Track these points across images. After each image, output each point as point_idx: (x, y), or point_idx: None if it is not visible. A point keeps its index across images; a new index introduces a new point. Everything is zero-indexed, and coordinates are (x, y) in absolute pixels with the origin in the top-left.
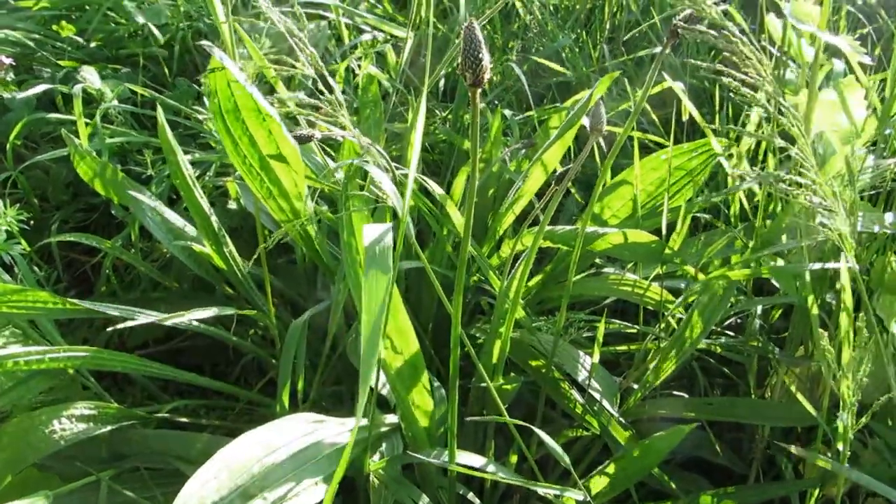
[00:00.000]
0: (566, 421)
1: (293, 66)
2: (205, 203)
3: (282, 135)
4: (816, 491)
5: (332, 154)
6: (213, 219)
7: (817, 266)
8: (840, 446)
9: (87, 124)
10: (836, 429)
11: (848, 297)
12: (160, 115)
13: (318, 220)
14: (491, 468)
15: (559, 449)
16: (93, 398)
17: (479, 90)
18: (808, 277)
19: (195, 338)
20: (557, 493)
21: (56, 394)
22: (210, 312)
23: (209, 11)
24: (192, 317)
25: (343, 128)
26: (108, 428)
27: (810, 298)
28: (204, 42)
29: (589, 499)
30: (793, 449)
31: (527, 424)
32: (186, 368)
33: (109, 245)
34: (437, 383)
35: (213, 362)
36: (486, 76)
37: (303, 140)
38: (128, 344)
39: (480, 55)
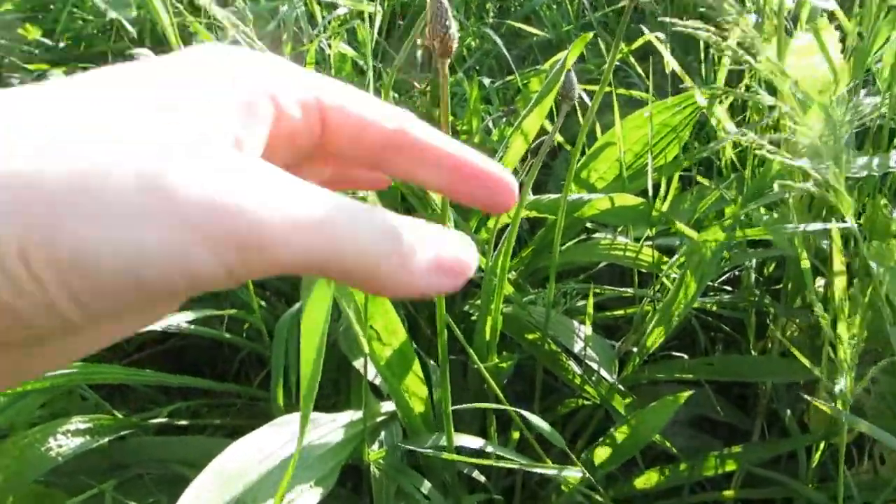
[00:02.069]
0: (567, 390)
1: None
2: None
3: None
4: (823, 444)
5: None
6: None
7: (812, 227)
8: (840, 405)
9: None
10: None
11: (839, 259)
12: None
13: None
14: (490, 449)
15: (552, 429)
16: (91, 410)
17: (447, 61)
18: (798, 229)
19: (192, 337)
20: (556, 472)
21: (54, 406)
22: (190, 315)
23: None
24: (172, 322)
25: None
26: (107, 439)
27: (802, 254)
28: (140, 50)
29: (589, 475)
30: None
31: (521, 411)
32: (186, 367)
33: None
34: (433, 364)
35: (213, 359)
36: (454, 45)
37: None
38: (126, 348)
39: (448, 23)
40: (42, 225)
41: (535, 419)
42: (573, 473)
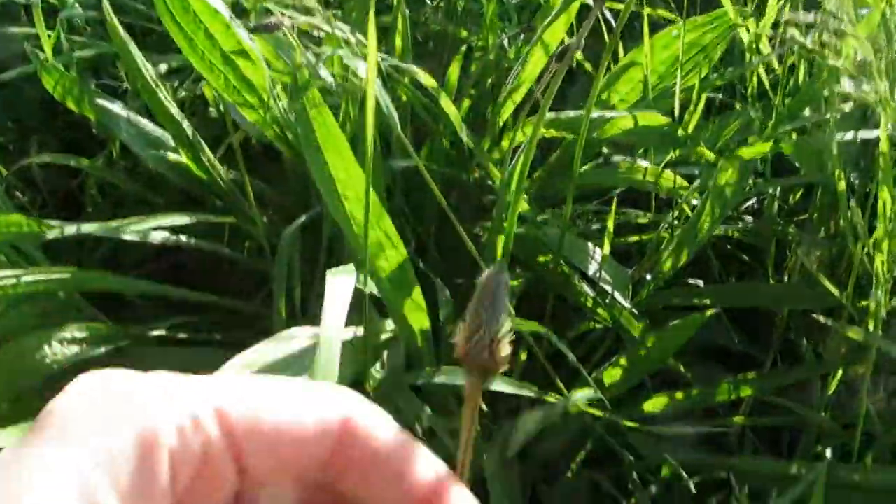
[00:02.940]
0: (576, 316)
1: None
2: (172, 107)
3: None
4: (840, 373)
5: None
6: (185, 124)
7: (849, 135)
8: (871, 325)
9: (49, 36)
10: (862, 308)
11: (886, 166)
12: (107, 9)
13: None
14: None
15: (562, 343)
16: (86, 321)
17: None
18: (835, 150)
19: (191, 254)
20: (567, 388)
21: (49, 320)
22: (185, 220)
23: None
24: (166, 222)
25: (309, 12)
26: (103, 349)
27: (837, 172)
28: None
29: (601, 396)
30: (823, 320)
31: (536, 329)
32: (185, 286)
33: (89, 163)
34: (439, 283)
35: (213, 278)
36: (503, 358)
37: (266, 29)
38: (123, 265)
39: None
40: None
41: (545, 333)
42: (584, 395)
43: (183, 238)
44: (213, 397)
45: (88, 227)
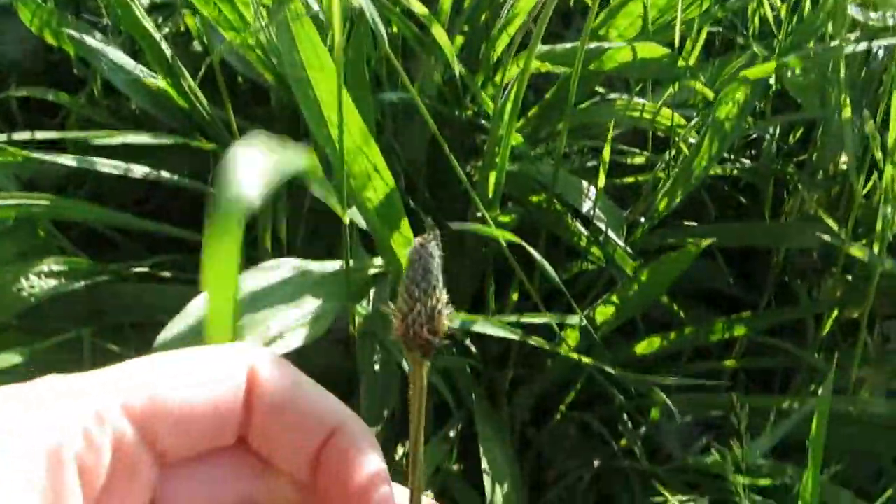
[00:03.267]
0: (568, 259)
1: None
2: (148, 23)
3: None
4: (835, 312)
5: None
6: (164, 45)
7: (861, 46)
8: (876, 248)
9: None
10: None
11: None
12: None
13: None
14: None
15: (556, 276)
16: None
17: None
18: (842, 71)
19: (176, 196)
20: (557, 321)
21: (29, 258)
22: (164, 140)
23: None
24: (138, 139)
25: None
26: (82, 283)
27: (843, 97)
28: None
29: (588, 325)
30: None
31: (531, 250)
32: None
33: (70, 99)
34: (430, 221)
35: (197, 220)
36: (441, 333)
37: None
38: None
39: (435, 301)
40: None
41: (541, 261)
42: (573, 321)
43: (165, 174)
44: (116, 389)
45: (66, 159)
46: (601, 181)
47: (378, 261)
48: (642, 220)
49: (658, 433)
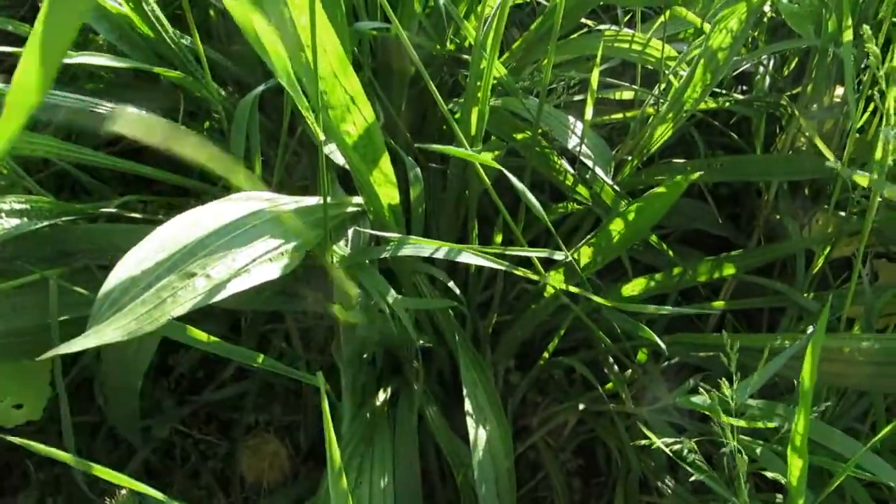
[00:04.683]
0: (553, 201)
1: None
2: None
3: None
4: (827, 250)
5: None
6: None
7: None
8: (875, 172)
9: None
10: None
11: None
12: None
13: None
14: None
15: (541, 209)
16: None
17: None
18: None
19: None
20: (544, 256)
21: None
22: (126, 63)
23: None
24: (99, 61)
25: None
26: (46, 223)
27: (846, 21)
28: None
29: (574, 263)
30: (831, 161)
31: (515, 181)
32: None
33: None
34: (410, 161)
35: (172, 164)
36: None
37: None
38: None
39: None
40: None
41: (526, 193)
42: (558, 256)
43: (132, 109)
44: None
45: None
46: (588, 113)
47: (356, 199)
48: (629, 158)
49: (644, 376)
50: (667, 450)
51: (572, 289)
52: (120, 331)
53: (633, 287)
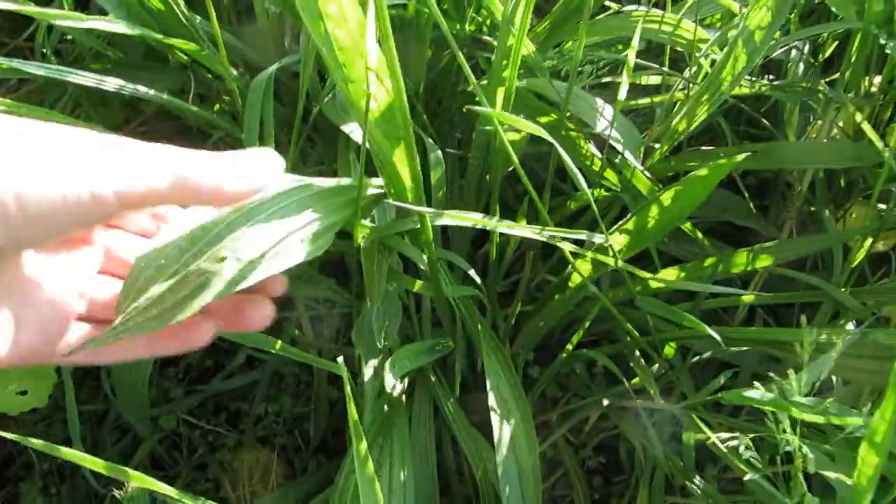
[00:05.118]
0: (577, 192)
1: None
2: None
3: None
4: (867, 242)
5: None
6: None
7: None
8: None
9: None
10: None
11: None
12: None
13: None
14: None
15: (583, 181)
16: None
17: None
18: None
19: (156, 120)
20: (582, 236)
21: None
22: (138, 30)
23: None
24: (103, 25)
25: None
26: None
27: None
28: None
29: (607, 246)
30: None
31: (559, 148)
32: None
33: (40, 13)
34: (430, 143)
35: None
36: None
37: None
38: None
39: None
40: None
41: (566, 158)
42: (599, 239)
43: (142, 88)
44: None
45: (34, 68)
46: (622, 92)
47: (376, 180)
48: (656, 146)
49: (671, 372)
50: (722, 446)
51: (614, 262)
52: (151, 321)
53: (665, 276)
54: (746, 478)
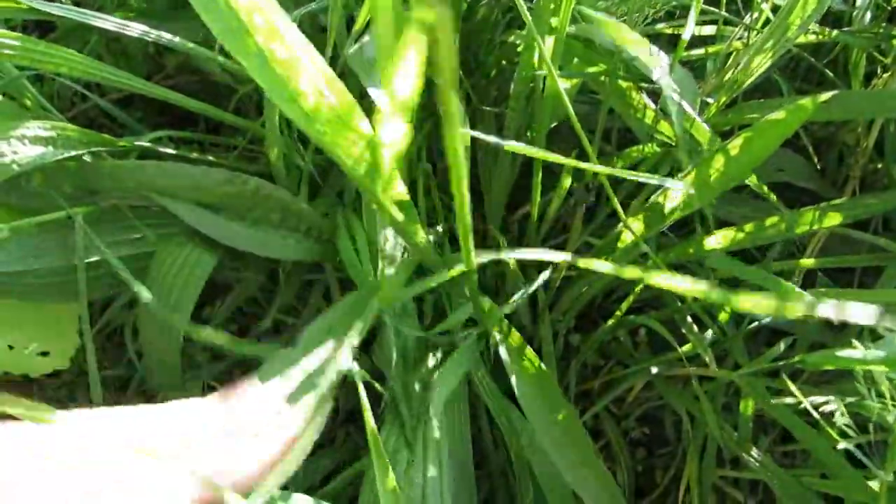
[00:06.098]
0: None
1: None
2: None
3: None
4: None
5: None
6: None
7: None
8: None
9: None
10: None
11: None
12: None
13: None
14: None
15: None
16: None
17: None
18: None
19: (182, 75)
20: (655, 181)
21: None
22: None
23: None
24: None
25: None
26: (72, 153)
27: None
28: None
29: (690, 190)
30: None
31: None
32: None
33: None
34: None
35: (207, 97)
36: None
37: None
38: (104, 89)
39: None
40: None
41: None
42: (673, 184)
43: (166, 34)
44: None
45: (55, 9)
46: (687, 32)
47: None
48: (710, 100)
49: (725, 339)
50: (814, 412)
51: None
52: None
53: (720, 239)
54: (840, 446)
